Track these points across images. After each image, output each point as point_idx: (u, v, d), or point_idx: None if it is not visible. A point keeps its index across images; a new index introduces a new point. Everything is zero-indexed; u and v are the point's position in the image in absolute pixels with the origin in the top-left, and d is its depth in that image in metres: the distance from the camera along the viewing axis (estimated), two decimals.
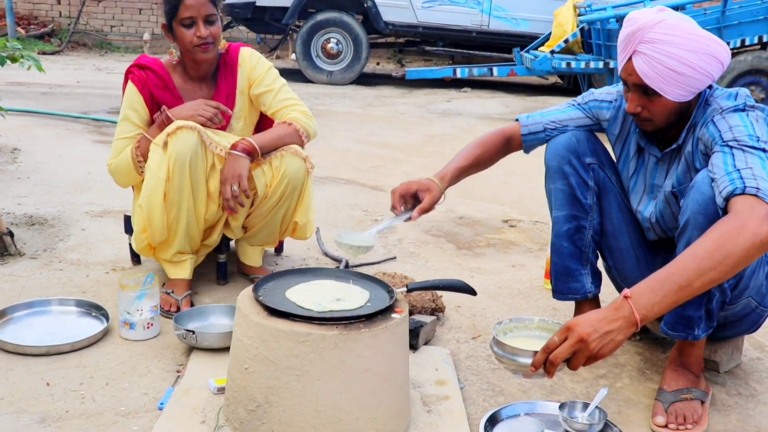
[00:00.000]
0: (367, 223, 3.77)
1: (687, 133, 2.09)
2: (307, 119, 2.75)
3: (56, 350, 2.26)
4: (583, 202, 2.30)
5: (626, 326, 1.65)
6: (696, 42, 1.94)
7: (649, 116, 2.06)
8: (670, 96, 1.98)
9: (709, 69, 1.96)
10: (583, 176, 2.29)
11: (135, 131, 2.67)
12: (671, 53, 1.93)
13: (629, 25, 2.01)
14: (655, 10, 2.01)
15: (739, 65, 6.70)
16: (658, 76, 1.96)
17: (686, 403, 2.08)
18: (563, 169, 2.29)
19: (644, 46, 1.96)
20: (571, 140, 2.29)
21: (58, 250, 3.15)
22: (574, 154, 2.28)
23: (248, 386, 1.81)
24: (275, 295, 1.90)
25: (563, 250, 2.35)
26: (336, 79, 9.57)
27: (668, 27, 1.94)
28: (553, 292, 2.44)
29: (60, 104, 6.78)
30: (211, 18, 2.59)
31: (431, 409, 2.04)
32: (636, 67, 1.98)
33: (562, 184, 2.31)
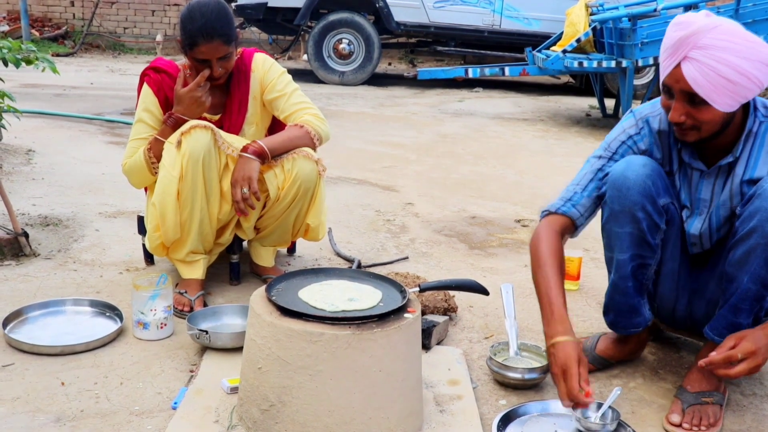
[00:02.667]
0: (379, 223, 3.77)
1: (744, 144, 1.99)
2: (320, 122, 2.76)
3: (71, 350, 2.28)
4: (652, 244, 2.10)
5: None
6: (752, 49, 1.83)
7: (693, 125, 1.93)
8: (719, 106, 1.87)
9: (762, 78, 1.85)
10: (656, 220, 2.07)
11: (149, 132, 2.69)
12: (727, 60, 1.81)
13: (680, 29, 1.87)
14: (703, 14, 1.90)
15: None
16: (710, 84, 1.84)
17: (706, 407, 2.06)
18: (635, 214, 2.05)
19: (698, 52, 1.83)
20: (647, 183, 2.04)
21: (73, 250, 3.17)
22: (648, 198, 2.04)
23: (261, 386, 1.82)
24: (288, 295, 1.91)
25: (628, 290, 2.17)
26: (348, 79, 9.58)
27: (725, 33, 1.83)
28: (612, 325, 2.29)
29: (74, 106, 6.83)
30: (225, 57, 2.60)
31: (444, 409, 2.04)
32: (686, 73, 1.85)
33: (631, 228, 2.08)
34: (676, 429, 2.02)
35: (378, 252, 3.36)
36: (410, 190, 4.51)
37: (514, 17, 9.56)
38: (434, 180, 4.80)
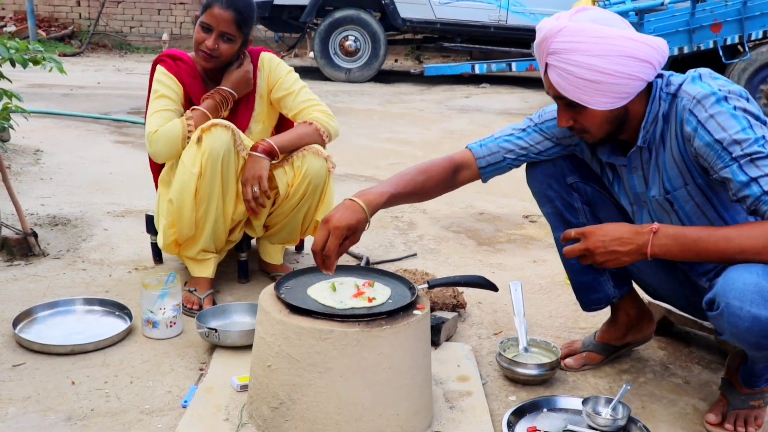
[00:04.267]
0: (387, 220, 3.77)
1: (647, 132, 1.90)
2: (328, 118, 2.76)
3: (81, 349, 2.29)
4: (575, 223, 2.15)
5: (635, 252, 1.80)
6: (603, 45, 1.75)
7: (582, 128, 1.90)
8: (595, 106, 1.82)
9: (631, 71, 1.77)
10: (567, 199, 2.16)
11: (174, 106, 2.67)
12: (579, 62, 1.76)
13: (537, 35, 1.85)
14: (567, 15, 1.84)
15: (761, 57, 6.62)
16: (574, 88, 1.80)
17: (752, 410, 2.01)
18: (546, 193, 2.17)
19: (552, 58, 1.81)
20: (546, 164, 2.14)
21: (81, 250, 3.18)
22: (552, 177, 2.15)
23: (271, 384, 1.82)
24: (297, 292, 1.91)
25: (574, 266, 2.23)
26: (354, 76, 9.58)
27: (570, 34, 1.77)
28: (580, 305, 2.33)
29: (81, 105, 6.85)
30: (227, 36, 2.61)
31: (454, 405, 2.04)
32: (552, 80, 1.84)
33: (549, 208, 2.20)
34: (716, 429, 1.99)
35: (386, 249, 3.36)
36: None
37: (521, 12, 9.53)
38: None
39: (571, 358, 2.32)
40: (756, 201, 1.70)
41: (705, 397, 2.16)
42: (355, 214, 1.88)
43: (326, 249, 1.84)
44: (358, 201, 1.91)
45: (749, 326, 1.67)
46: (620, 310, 2.31)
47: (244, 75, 2.72)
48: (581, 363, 2.30)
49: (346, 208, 1.89)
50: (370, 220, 1.92)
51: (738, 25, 6.59)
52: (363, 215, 1.89)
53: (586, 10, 1.85)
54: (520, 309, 2.34)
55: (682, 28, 6.69)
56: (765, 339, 1.69)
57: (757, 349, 1.75)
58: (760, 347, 1.73)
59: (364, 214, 1.89)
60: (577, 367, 2.29)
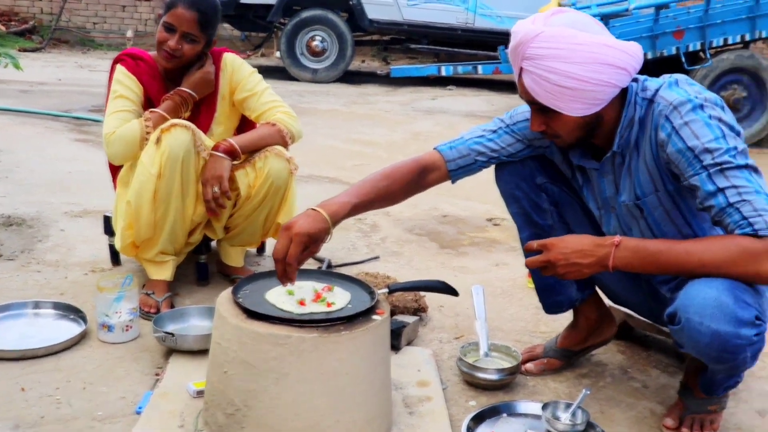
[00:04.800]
0: (350, 222, 3.74)
1: (621, 137, 1.89)
2: (291, 120, 2.73)
3: (32, 354, 2.22)
4: (542, 224, 2.16)
5: (596, 265, 1.81)
6: (580, 52, 1.73)
7: (555, 133, 1.89)
8: (568, 112, 1.81)
9: (607, 78, 1.76)
10: (534, 199, 2.14)
11: (132, 107, 2.62)
12: (554, 68, 1.75)
13: (512, 39, 1.83)
14: (542, 18, 1.81)
15: (722, 64, 6.71)
16: (548, 94, 1.79)
17: (709, 415, 2.01)
18: (514, 193, 2.16)
19: (527, 63, 1.78)
20: (515, 164, 2.13)
21: (37, 251, 3.11)
22: (520, 177, 2.13)
23: (226, 390, 1.78)
24: (254, 297, 1.88)
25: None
26: (321, 77, 9.54)
27: (546, 39, 1.75)
28: (543, 307, 2.32)
29: (41, 102, 6.71)
30: (190, 36, 2.57)
31: (413, 411, 2.02)
32: (526, 85, 1.82)
33: (516, 208, 2.18)
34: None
35: (349, 251, 3.33)
36: None
37: (488, 15, 9.57)
38: None
39: (532, 363, 2.32)
40: (720, 212, 1.70)
41: (663, 401, 2.18)
42: (317, 223, 1.84)
43: (288, 257, 1.80)
44: (320, 211, 1.87)
45: (709, 341, 1.68)
46: (581, 314, 2.31)
47: (205, 76, 2.68)
48: (541, 369, 2.30)
49: (308, 216, 1.85)
50: (332, 231, 1.88)
51: (700, 32, 6.68)
52: (325, 225, 1.85)
53: (562, 12, 1.83)
54: (481, 313, 2.34)
55: (646, 34, 6.74)
56: (725, 353, 1.70)
57: (717, 362, 1.76)
58: (720, 361, 1.74)
59: (326, 224, 1.85)
60: (537, 373, 2.29)
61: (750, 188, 1.67)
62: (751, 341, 1.69)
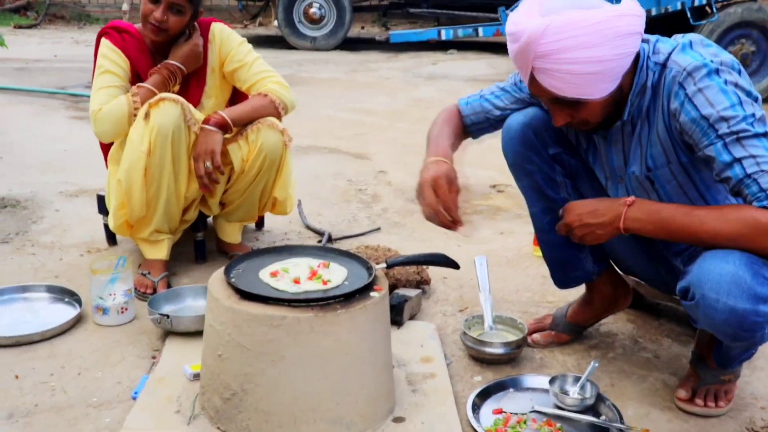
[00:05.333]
0: (351, 193, 3.67)
1: (632, 104, 1.79)
2: (284, 90, 2.64)
3: (26, 340, 2.17)
4: (555, 198, 2.03)
5: (609, 225, 1.76)
6: (599, 33, 1.61)
7: (582, 121, 1.79)
8: (597, 95, 1.70)
9: (627, 49, 1.65)
10: (547, 172, 2.02)
11: (119, 82, 2.55)
12: (575, 58, 1.62)
13: (513, 41, 1.69)
14: (536, 8, 1.67)
15: (729, 18, 6.55)
16: (574, 86, 1.67)
17: (723, 385, 1.95)
18: (524, 167, 2.03)
19: (541, 62, 1.65)
20: (527, 133, 1.98)
21: (31, 232, 3.05)
22: (533, 149, 2.00)
23: (222, 374, 1.73)
24: (248, 276, 1.81)
25: (551, 242, 2.11)
26: (320, 44, 9.37)
27: (557, 31, 1.61)
28: (554, 281, 2.22)
29: (36, 80, 6.61)
30: (176, 7, 2.47)
31: (416, 389, 1.96)
32: (544, 84, 1.69)
33: (527, 182, 2.06)
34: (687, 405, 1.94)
35: (349, 223, 3.26)
36: (383, 158, 4.39)
37: None
38: (407, 147, 4.68)
39: (539, 334, 2.25)
40: (738, 183, 1.62)
41: (675, 372, 2.11)
42: (441, 166, 1.84)
43: (442, 202, 1.79)
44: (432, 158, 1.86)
45: (726, 318, 1.61)
46: (596, 291, 2.21)
47: (193, 48, 2.59)
48: (549, 341, 2.23)
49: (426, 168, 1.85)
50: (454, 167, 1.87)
51: None
52: (446, 164, 1.85)
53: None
54: (485, 285, 2.27)
55: None
56: (742, 331, 1.63)
57: (734, 339, 1.70)
58: (737, 338, 1.68)
59: (447, 163, 1.85)
60: (544, 345, 2.23)
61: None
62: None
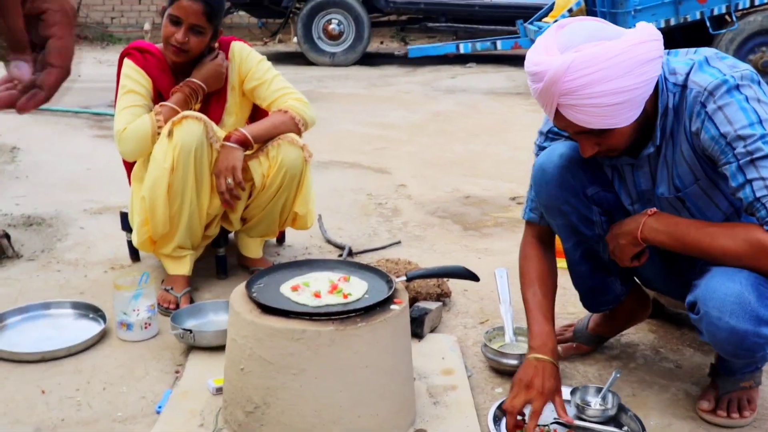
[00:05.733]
0: (371, 207, 3.69)
1: (663, 125, 1.78)
2: (304, 106, 2.68)
3: (52, 356, 2.20)
4: (588, 235, 2.01)
5: (629, 234, 1.82)
6: (622, 64, 1.60)
7: (610, 148, 1.78)
8: (624, 123, 1.68)
9: (650, 75, 1.65)
10: (584, 213, 1.98)
11: (143, 101, 2.59)
12: (601, 92, 1.61)
13: (535, 81, 1.69)
14: (553, 43, 1.67)
15: (749, 26, 6.52)
16: (600, 118, 1.66)
17: (744, 392, 1.93)
18: (560, 208, 1.98)
19: (567, 99, 1.64)
20: (565, 176, 1.94)
21: (56, 250, 3.10)
22: (570, 191, 1.95)
23: (245, 387, 1.74)
24: (269, 291, 1.83)
25: (583, 273, 2.11)
26: (339, 60, 9.44)
27: (581, 67, 1.60)
28: (584, 305, 2.21)
29: (61, 100, 6.71)
30: (197, 28, 2.51)
31: (438, 401, 1.97)
32: (570, 119, 1.69)
33: (562, 221, 2.01)
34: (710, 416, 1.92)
35: (370, 237, 3.28)
36: (403, 172, 4.41)
37: None
38: (427, 160, 4.70)
39: (560, 345, 2.24)
40: (749, 205, 1.63)
41: (697, 381, 2.10)
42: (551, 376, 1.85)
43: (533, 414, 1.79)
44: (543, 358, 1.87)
45: (727, 337, 1.64)
46: (620, 307, 2.20)
47: (216, 69, 2.63)
48: (570, 353, 2.23)
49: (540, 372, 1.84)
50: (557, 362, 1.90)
51: None
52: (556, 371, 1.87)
53: (564, 27, 1.69)
54: (506, 297, 2.27)
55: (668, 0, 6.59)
56: (742, 350, 1.66)
57: (734, 357, 1.73)
58: (737, 356, 1.71)
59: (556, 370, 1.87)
60: (565, 356, 2.22)
61: None
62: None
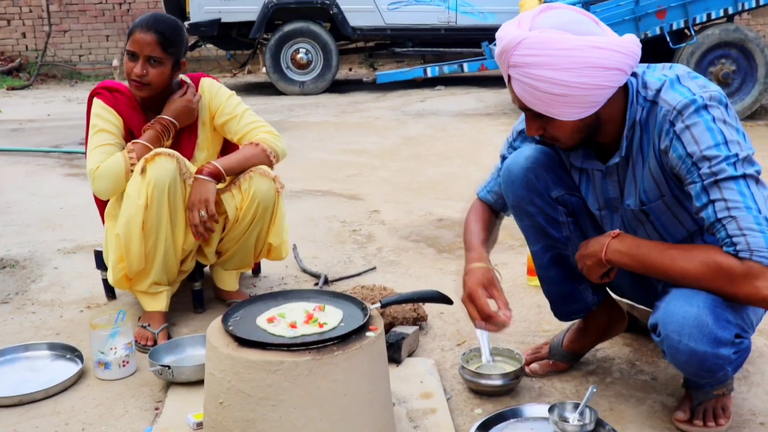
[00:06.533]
0: (345, 234, 3.71)
1: (628, 139, 1.82)
2: (275, 139, 2.70)
3: (29, 398, 2.19)
4: (557, 236, 2.06)
5: (594, 256, 1.86)
6: (565, 58, 1.63)
7: (552, 137, 1.82)
8: (564, 117, 1.72)
9: (598, 81, 1.66)
10: (550, 213, 2.02)
11: (114, 140, 2.60)
12: (540, 76, 1.65)
13: (497, 45, 1.74)
14: (528, 19, 1.71)
15: (708, 39, 6.67)
16: (538, 101, 1.70)
17: (718, 400, 1.95)
18: (526, 209, 2.03)
19: (513, 71, 1.69)
20: (529, 177, 1.99)
21: (31, 291, 3.08)
22: (535, 192, 2.00)
23: (224, 421, 1.75)
24: (245, 323, 1.84)
25: (552, 279, 2.14)
26: (308, 89, 9.51)
27: (530, 46, 1.65)
28: (554, 314, 2.24)
29: (31, 140, 6.70)
30: (154, 59, 2.54)
31: (417, 425, 1.98)
32: (516, 92, 1.74)
33: (529, 222, 2.06)
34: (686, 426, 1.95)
35: (345, 265, 3.29)
36: (376, 198, 4.45)
37: (469, 12, 9.55)
38: (399, 185, 4.74)
39: (537, 363, 2.28)
40: (711, 226, 1.68)
41: (673, 393, 2.13)
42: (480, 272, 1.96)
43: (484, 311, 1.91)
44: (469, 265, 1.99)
45: (687, 359, 1.69)
46: (591, 320, 2.23)
47: (186, 104, 2.65)
48: (546, 371, 2.25)
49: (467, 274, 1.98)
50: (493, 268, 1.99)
51: (682, 9, 6.64)
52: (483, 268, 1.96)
53: (550, 8, 1.73)
54: None
55: (629, 16, 6.71)
56: (703, 371, 1.71)
57: (696, 377, 1.79)
58: (699, 377, 1.77)
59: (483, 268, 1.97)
60: (542, 373, 2.25)
61: (740, 203, 1.61)
62: (729, 360, 1.69)
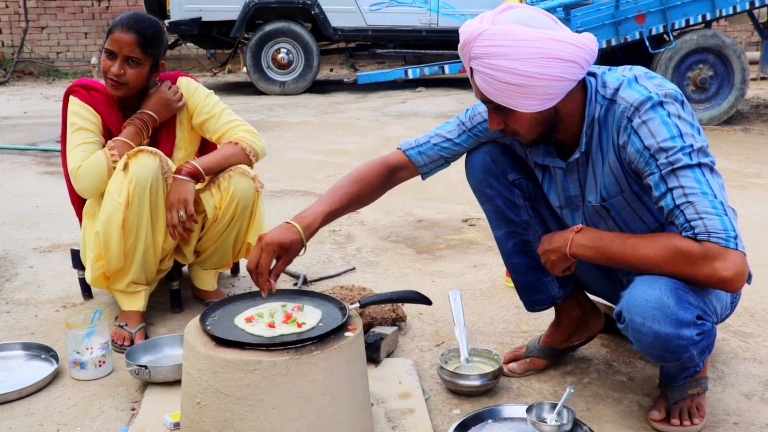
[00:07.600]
0: (325, 234, 3.70)
1: (587, 136, 1.86)
2: (254, 137, 2.69)
3: (2, 399, 2.15)
4: (517, 221, 2.14)
5: (558, 251, 1.89)
6: (523, 48, 1.70)
7: (513, 131, 1.87)
8: (522, 108, 1.78)
9: (555, 72, 1.72)
10: (507, 196, 2.11)
11: (94, 138, 2.57)
12: (499, 66, 1.71)
13: (460, 38, 1.80)
14: (489, 16, 1.78)
15: (686, 45, 6.74)
16: (498, 92, 1.76)
17: (693, 400, 1.98)
18: (485, 192, 2.13)
19: (475, 63, 1.76)
20: (486, 159, 2.10)
21: (5, 290, 3.04)
22: (491, 175, 2.10)
23: (201, 421, 1.73)
24: (223, 323, 1.83)
25: (517, 266, 2.20)
26: (289, 89, 9.49)
27: (489, 37, 1.72)
28: (524, 305, 2.28)
29: (6, 137, 6.62)
30: (132, 59, 2.51)
31: (396, 425, 1.98)
32: (477, 84, 1.80)
33: (489, 206, 2.16)
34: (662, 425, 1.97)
35: (324, 265, 3.29)
36: None
37: (451, 14, 9.58)
38: None
39: (515, 363, 2.29)
40: (669, 213, 1.70)
41: (649, 393, 2.15)
42: (290, 234, 1.89)
43: (260, 267, 1.85)
44: (293, 223, 1.91)
45: (651, 342, 1.71)
46: (564, 312, 2.27)
47: (163, 97, 2.63)
48: (525, 368, 2.27)
49: (280, 228, 1.90)
50: (306, 243, 1.91)
51: (661, 15, 6.70)
52: (297, 236, 1.89)
53: (512, 8, 1.80)
54: (460, 319, 2.30)
55: (608, 21, 6.77)
56: (667, 353, 1.73)
57: (662, 361, 1.79)
58: (664, 360, 1.77)
59: (298, 236, 1.90)
60: (521, 372, 2.26)
61: (696, 189, 1.66)
62: (693, 341, 1.71)
